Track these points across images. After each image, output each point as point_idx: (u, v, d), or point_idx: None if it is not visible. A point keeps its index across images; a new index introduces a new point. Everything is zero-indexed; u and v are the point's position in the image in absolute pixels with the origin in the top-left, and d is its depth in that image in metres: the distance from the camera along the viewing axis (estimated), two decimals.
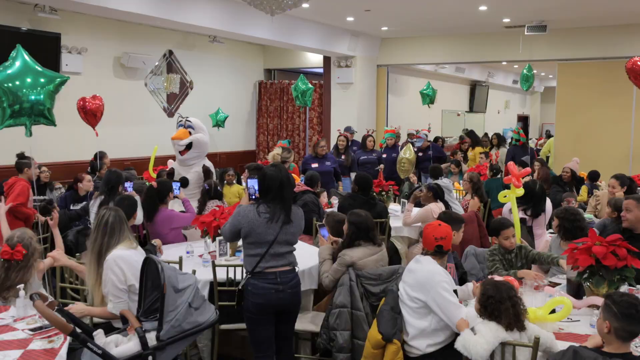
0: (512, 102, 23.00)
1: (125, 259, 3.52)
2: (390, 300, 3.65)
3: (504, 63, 15.61)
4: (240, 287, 3.72)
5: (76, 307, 3.54)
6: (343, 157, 8.88)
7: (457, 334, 3.26)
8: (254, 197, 4.02)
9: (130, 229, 3.78)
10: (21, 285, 3.58)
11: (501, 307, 3.05)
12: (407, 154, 9.02)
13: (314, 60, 13.33)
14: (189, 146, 6.72)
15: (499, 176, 8.45)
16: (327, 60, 12.67)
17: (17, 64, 4.68)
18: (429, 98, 11.63)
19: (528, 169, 5.92)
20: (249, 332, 3.78)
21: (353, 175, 8.72)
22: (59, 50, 8.69)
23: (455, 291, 3.50)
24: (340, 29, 11.66)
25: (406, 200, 6.94)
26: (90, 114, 7.39)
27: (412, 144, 11.10)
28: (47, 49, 8.46)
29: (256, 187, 4.04)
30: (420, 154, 10.19)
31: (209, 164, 6.92)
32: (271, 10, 5.52)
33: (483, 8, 9.47)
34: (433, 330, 3.46)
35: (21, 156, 6.18)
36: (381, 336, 3.47)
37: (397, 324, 3.53)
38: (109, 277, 3.51)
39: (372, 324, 3.65)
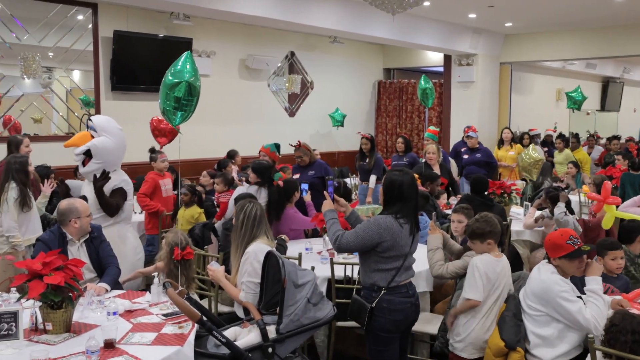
0: None
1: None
2: (512, 307, 3.53)
3: None
4: (373, 305, 3.42)
5: (217, 271, 3.76)
6: (367, 160, 7.97)
7: (585, 348, 3.09)
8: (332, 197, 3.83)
9: (268, 225, 3.91)
10: (155, 273, 3.86)
11: (620, 337, 2.84)
12: (535, 154, 8.54)
13: (434, 59, 13.11)
14: (88, 154, 4.84)
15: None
16: (447, 58, 12.40)
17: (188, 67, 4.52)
18: (577, 103, 10.75)
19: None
20: (377, 353, 3.51)
21: (373, 178, 7.80)
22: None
23: (580, 297, 3.31)
24: (462, 26, 11.37)
25: (529, 203, 6.65)
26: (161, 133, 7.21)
27: (536, 143, 10.53)
28: (180, 54, 8.97)
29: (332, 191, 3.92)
30: (465, 156, 9.02)
31: (120, 179, 4.98)
32: (392, 9, 5.51)
33: None
34: (557, 338, 3.31)
35: (152, 151, 6.72)
36: (504, 343, 3.36)
37: (521, 332, 3.40)
38: (246, 268, 3.66)
39: (493, 330, 3.54)
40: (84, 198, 4.83)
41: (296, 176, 6.57)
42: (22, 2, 7.65)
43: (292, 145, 6.71)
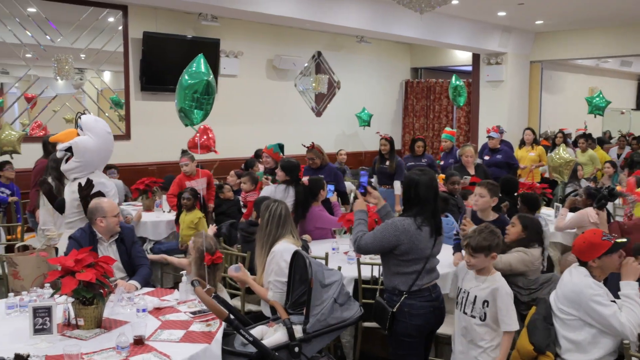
0: None
1: (291, 254, 3.59)
2: (542, 310, 3.45)
3: None
4: (394, 310, 3.37)
5: (241, 274, 3.78)
6: (387, 163, 7.59)
7: (621, 354, 3.02)
8: (362, 190, 3.74)
9: (293, 224, 3.92)
10: (184, 272, 3.90)
11: None
12: (566, 154, 8.35)
13: (462, 57, 12.99)
14: (71, 152, 4.63)
15: None
16: (476, 57, 12.28)
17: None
18: (600, 109, 10.44)
19: None
20: (400, 357, 3.45)
21: (398, 184, 7.39)
22: (218, 54, 9.32)
23: (614, 301, 3.23)
24: (491, 25, 11.24)
25: (560, 205, 6.54)
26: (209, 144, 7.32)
27: (567, 144, 10.33)
28: (208, 54, 9.07)
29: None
30: (486, 157, 8.58)
31: (96, 182, 4.58)
32: (420, 8, 5.48)
33: None
34: (589, 344, 3.22)
35: (183, 152, 6.82)
36: (533, 347, 3.30)
37: (551, 335, 3.33)
38: (273, 267, 3.68)
39: (522, 333, 3.48)
40: (62, 200, 4.75)
41: (305, 178, 6.17)
42: (56, 5, 7.82)
43: (304, 146, 6.69)
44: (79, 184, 4.51)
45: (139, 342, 2.89)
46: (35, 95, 7.94)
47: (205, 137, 6.79)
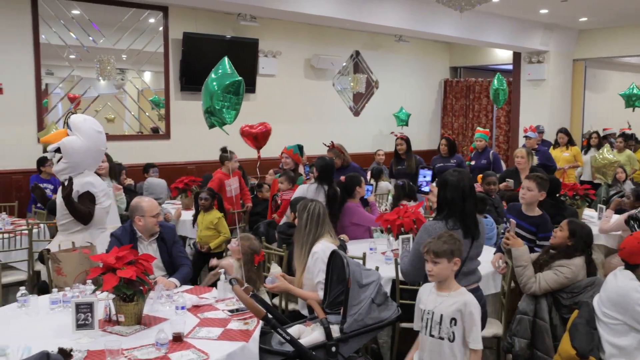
0: None
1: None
2: (585, 314, 3.37)
3: None
4: None
5: (281, 283, 3.75)
6: (405, 163, 7.27)
7: None
8: (425, 186, 3.71)
9: (330, 223, 3.90)
10: (222, 270, 3.93)
11: None
12: (610, 155, 8.10)
13: (502, 56, 12.78)
14: (59, 152, 4.51)
15: None
16: (517, 56, 12.06)
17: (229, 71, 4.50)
18: (638, 98, 10.11)
19: None
20: None
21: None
22: (256, 54, 9.39)
23: None
24: (532, 23, 11.02)
25: (604, 206, 6.36)
26: (258, 138, 7.40)
27: (611, 144, 10.05)
28: (246, 54, 9.21)
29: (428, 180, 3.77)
30: None
31: (82, 182, 4.49)
32: (460, 6, 5.40)
33: None
34: (636, 349, 3.14)
35: (224, 150, 6.83)
36: (575, 352, 3.21)
37: (594, 340, 3.24)
38: (320, 267, 3.66)
39: (564, 338, 3.40)
40: (53, 202, 4.62)
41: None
42: (99, 7, 8.00)
43: (325, 145, 6.63)
44: (62, 183, 4.46)
45: (177, 339, 2.92)
46: (78, 96, 8.13)
47: (262, 127, 6.93)
